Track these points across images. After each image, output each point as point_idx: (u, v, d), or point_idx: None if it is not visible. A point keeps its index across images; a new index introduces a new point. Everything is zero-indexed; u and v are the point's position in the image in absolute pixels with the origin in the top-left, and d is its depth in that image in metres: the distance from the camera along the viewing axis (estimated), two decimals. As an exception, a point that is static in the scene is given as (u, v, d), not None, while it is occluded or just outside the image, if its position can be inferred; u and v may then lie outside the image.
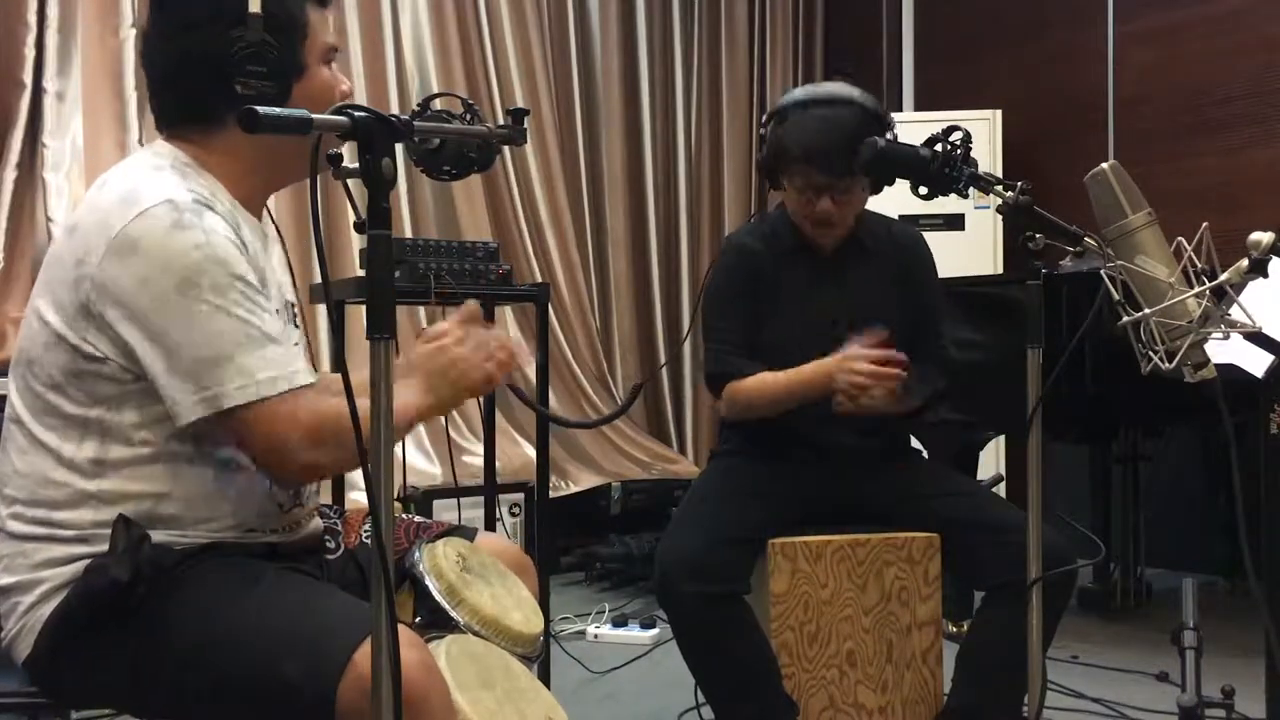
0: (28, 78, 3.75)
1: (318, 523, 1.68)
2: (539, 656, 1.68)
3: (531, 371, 3.11)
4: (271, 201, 1.69)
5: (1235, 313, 1.66)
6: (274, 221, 1.70)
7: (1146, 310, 1.67)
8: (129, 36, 3.98)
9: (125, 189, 1.45)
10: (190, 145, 1.54)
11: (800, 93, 2.35)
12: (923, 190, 1.93)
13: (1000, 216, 3.53)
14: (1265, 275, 1.65)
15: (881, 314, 2.37)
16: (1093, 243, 1.73)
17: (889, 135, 2.24)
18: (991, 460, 4.50)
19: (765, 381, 2.34)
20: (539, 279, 4.94)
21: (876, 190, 2.36)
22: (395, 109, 4.49)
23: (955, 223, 4.86)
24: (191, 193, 1.44)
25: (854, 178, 2.25)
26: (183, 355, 1.39)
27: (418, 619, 1.58)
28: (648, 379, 4.05)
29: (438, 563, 1.59)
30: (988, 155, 4.86)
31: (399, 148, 1.22)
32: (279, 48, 1.51)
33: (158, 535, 1.43)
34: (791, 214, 2.40)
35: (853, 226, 2.41)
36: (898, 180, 2.02)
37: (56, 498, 1.45)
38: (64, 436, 1.45)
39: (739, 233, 2.58)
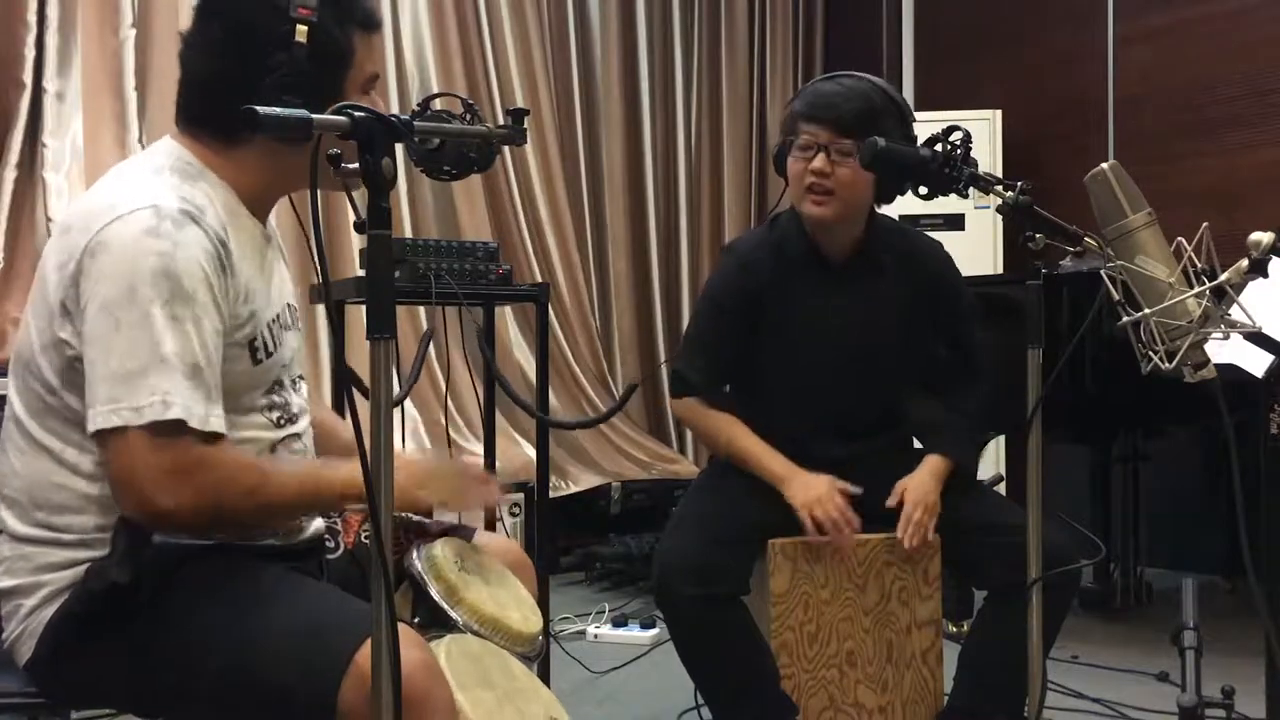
0: (28, 78, 3.75)
1: (319, 524, 1.68)
2: (539, 655, 1.68)
3: (531, 374, 3.10)
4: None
5: (1235, 313, 1.66)
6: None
7: (1146, 310, 1.66)
8: (129, 36, 3.98)
9: (115, 191, 1.44)
10: (200, 146, 1.53)
11: (822, 76, 2.38)
12: (923, 190, 1.93)
13: (1000, 216, 3.53)
14: (1265, 275, 1.64)
15: (891, 329, 2.36)
16: (1093, 243, 1.73)
17: (907, 126, 2.25)
18: (991, 460, 4.50)
19: (729, 433, 2.34)
20: (539, 279, 4.94)
21: (885, 200, 2.33)
22: (395, 109, 4.49)
23: (955, 223, 4.85)
24: (182, 201, 1.43)
25: (854, 140, 2.18)
26: (109, 361, 1.36)
27: (416, 619, 1.58)
28: (645, 378, 4.05)
29: (436, 563, 1.59)
30: (988, 155, 4.85)
31: (399, 148, 1.22)
32: (318, 77, 1.47)
33: (158, 537, 1.42)
34: (794, 199, 2.32)
35: (863, 236, 2.35)
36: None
37: (58, 501, 1.45)
38: (65, 440, 1.45)
39: (744, 240, 2.53)
